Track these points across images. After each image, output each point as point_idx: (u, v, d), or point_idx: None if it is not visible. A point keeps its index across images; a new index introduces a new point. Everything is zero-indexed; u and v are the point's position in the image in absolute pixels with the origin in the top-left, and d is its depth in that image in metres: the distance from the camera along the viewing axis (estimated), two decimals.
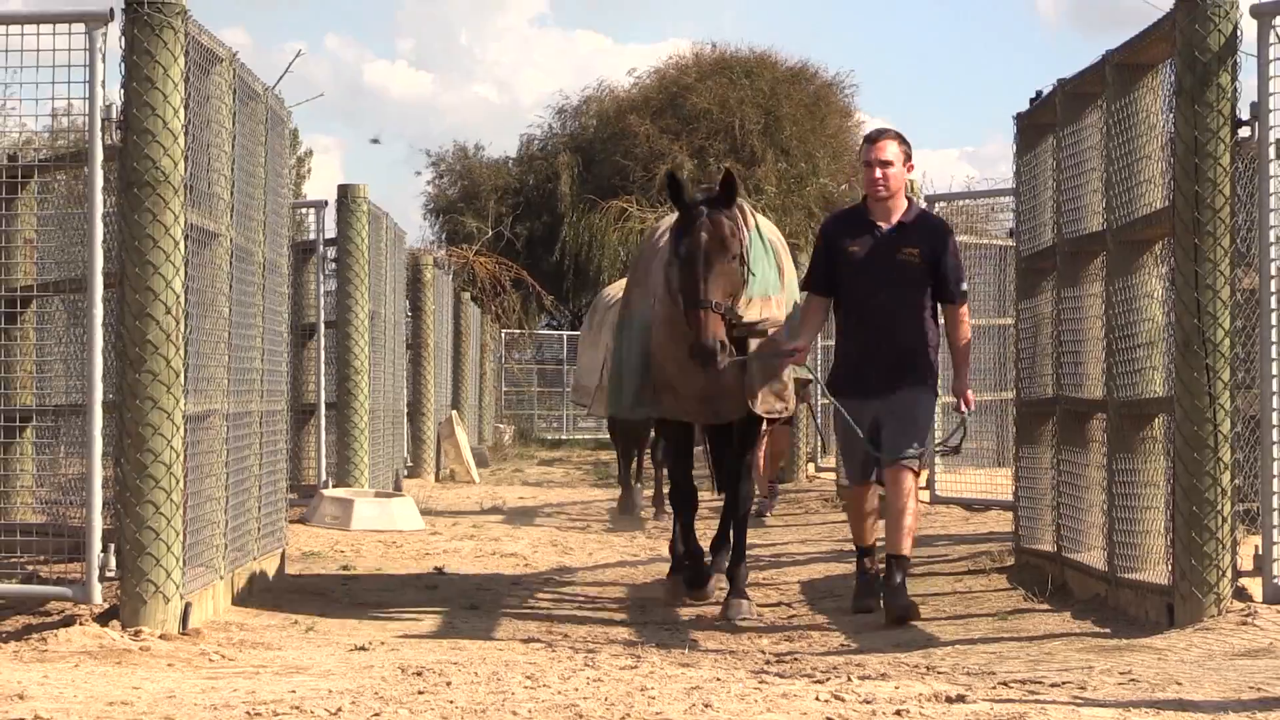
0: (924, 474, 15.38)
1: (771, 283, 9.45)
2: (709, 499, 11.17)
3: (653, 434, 14.63)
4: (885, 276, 8.94)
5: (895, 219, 9.04)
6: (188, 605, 7.93)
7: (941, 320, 9.36)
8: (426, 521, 14.50)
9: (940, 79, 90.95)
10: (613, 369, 10.15)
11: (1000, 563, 10.82)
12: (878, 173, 8.95)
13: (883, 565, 9.11)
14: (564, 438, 36.95)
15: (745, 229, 9.21)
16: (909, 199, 9.17)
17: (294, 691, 6.50)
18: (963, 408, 9.12)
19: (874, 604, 9.11)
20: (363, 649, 7.89)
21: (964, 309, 9.16)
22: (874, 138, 9.15)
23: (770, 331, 9.26)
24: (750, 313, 9.24)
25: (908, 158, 9.06)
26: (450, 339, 25.36)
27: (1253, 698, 5.97)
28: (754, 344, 9.38)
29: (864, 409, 8.99)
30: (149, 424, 7.78)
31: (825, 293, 9.22)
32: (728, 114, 42.35)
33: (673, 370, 9.35)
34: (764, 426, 10.00)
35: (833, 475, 18.08)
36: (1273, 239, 7.82)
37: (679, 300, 8.91)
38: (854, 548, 9.71)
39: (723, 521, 10.08)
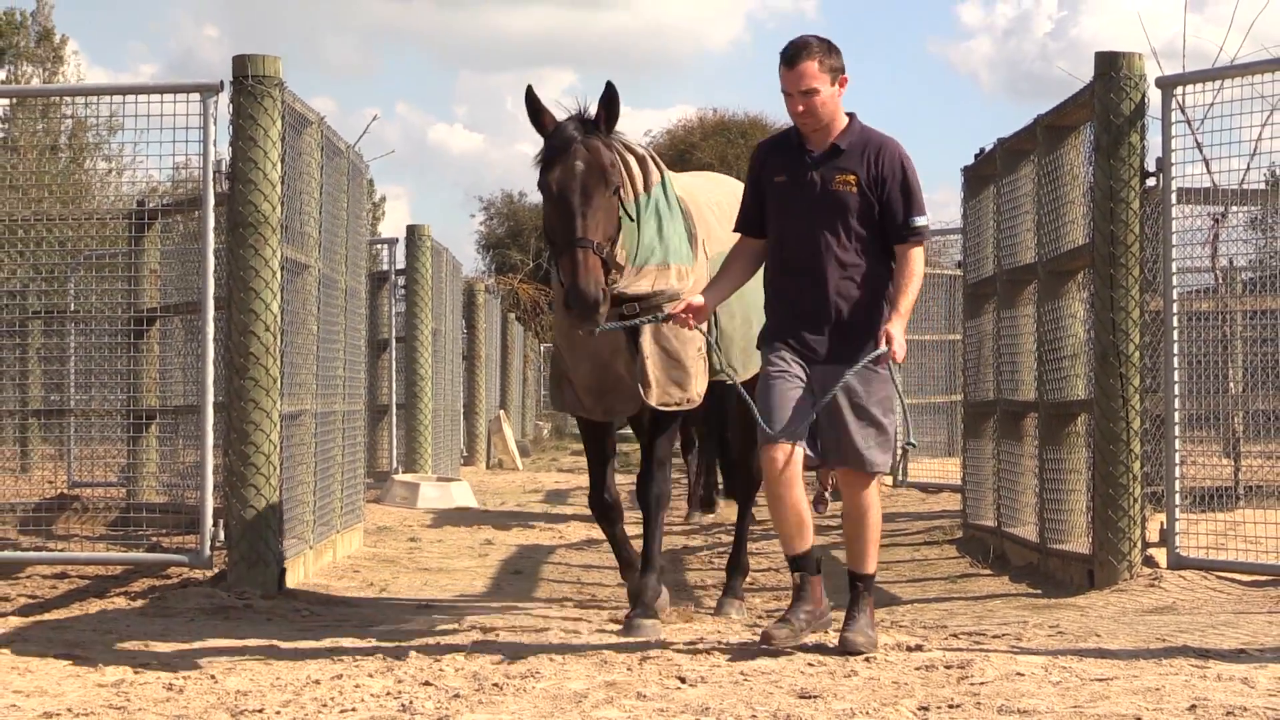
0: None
1: (676, 249, 6.73)
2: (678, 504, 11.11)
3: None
4: (815, 211, 5.96)
5: (830, 140, 6.03)
6: (283, 570, 7.93)
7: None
8: (479, 501, 14.49)
9: (900, 137, 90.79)
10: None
11: (950, 535, 10.80)
12: (800, 105, 5.95)
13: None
14: None
15: (638, 172, 6.63)
16: (850, 115, 6.08)
17: (370, 641, 6.50)
18: (896, 344, 5.83)
19: (784, 635, 6.01)
20: (427, 606, 7.89)
21: (915, 250, 5.93)
22: (790, 58, 5.94)
23: (667, 307, 6.32)
24: (639, 283, 6.54)
25: (838, 73, 5.99)
26: (499, 351, 25.38)
27: (1159, 647, 5.95)
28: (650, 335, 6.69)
29: (803, 369, 5.99)
30: (252, 421, 7.79)
31: (754, 234, 6.20)
32: (726, 167, 42.28)
33: (564, 357, 6.97)
34: (675, 417, 7.00)
35: None
36: (1174, 270, 7.81)
37: (552, 243, 6.33)
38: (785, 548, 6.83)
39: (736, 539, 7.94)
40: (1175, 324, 7.80)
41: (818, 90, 5.92)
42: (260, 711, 5.02)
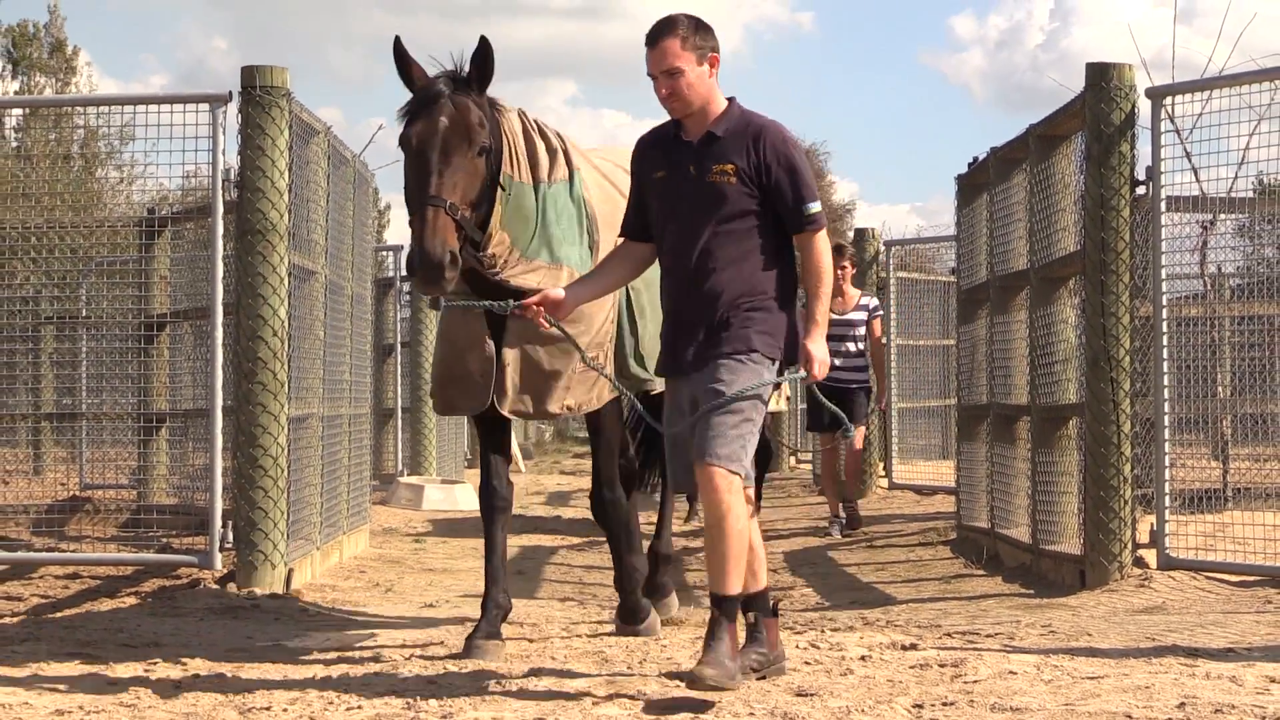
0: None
1: (569, 254, 6.16)
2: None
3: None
4: (692, 206, 5.26)
5: (706, 128, 5.31)
6: (290, 571, 7.93)
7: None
8: None
9: (895, 147, 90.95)
10: None
11: (945, 537, 10.79)
12: (664, 88, 5.27)
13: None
14: None
15: (544, 158, 6.04)
16: (730, 100, 5.37)
17: (375, 639, 6.50)
18: (814, 365, 5.22)
19: (714, 674, 5.04)
20: (430, 606, 7.89)
21: (816, 239, 5.27)
22: (651, 37, 5.30)
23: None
24: (527, 278, 5.92)
25: (705, 52, 5.28)
26: None
27: (1149, 645, 5.95)
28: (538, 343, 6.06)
29: (679, 391, 5.35)
30: (259, 425, 7.79)
31: (635, 237, 5.51)
32: None
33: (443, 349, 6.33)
34: (611, 420, 6.50)
35: (809, 466, 18.03)
36: (1164, 276, 7.82)
37: (408, 204, 5.63)
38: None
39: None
40: (1165, 329, 7.80)
41: (682, 71, 5.23)
42: (268, 709, 5.02)
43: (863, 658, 5.83)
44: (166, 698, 5.22)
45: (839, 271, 11.35)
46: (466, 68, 5.75)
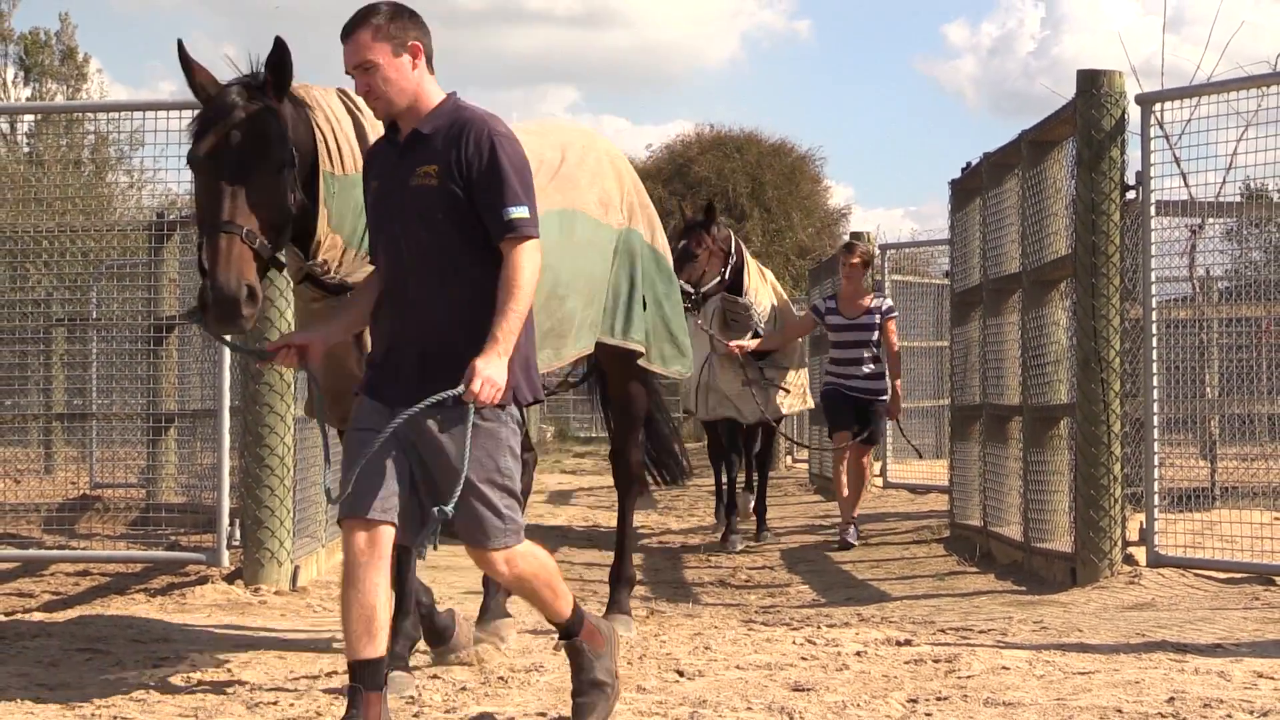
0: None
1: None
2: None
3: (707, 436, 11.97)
4: (398, 217, 4.59)
5: (414, 127, 4.64)
6: (296, 568, 7.92)
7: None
8: None
9: (889, 152, 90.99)
10: None
11: (938, 535, 10.79)
12: (361, 85, 4.62)
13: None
14: (594, 435, 36.89)
15: (329, 138, 5.09)
16: (451, 95, 4.69)
17: None
18: (475, 382, 4.32)
19: None
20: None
21: (520, 250, 4.46)
22: (344, 31, 4.65)
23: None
24: (361, 274, 5.07)
25: (404, 42, 4.59)
26: None
27: (1139, 641, 5.95)
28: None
29: (374, 414, 4.53)
30: (266, 425, 7.78)
31: (374, 259, 4.79)
32: (723, 180, 42.34)
33: None
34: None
35: (806, 465, 18.03)
36: (1153, 279, 7.82)
37: (199, 228, 4.81)
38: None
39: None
40: (1154, 331, 7.80)
41: (376, 64, 4.55)
42: (274, 704, 5.01)
43: (858, 653, 5.83)
44: (175, 693, 5.22)
45: (845, 270, 10.94)
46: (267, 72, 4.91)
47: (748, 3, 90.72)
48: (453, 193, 4.50)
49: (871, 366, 10.84)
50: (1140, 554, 7.76)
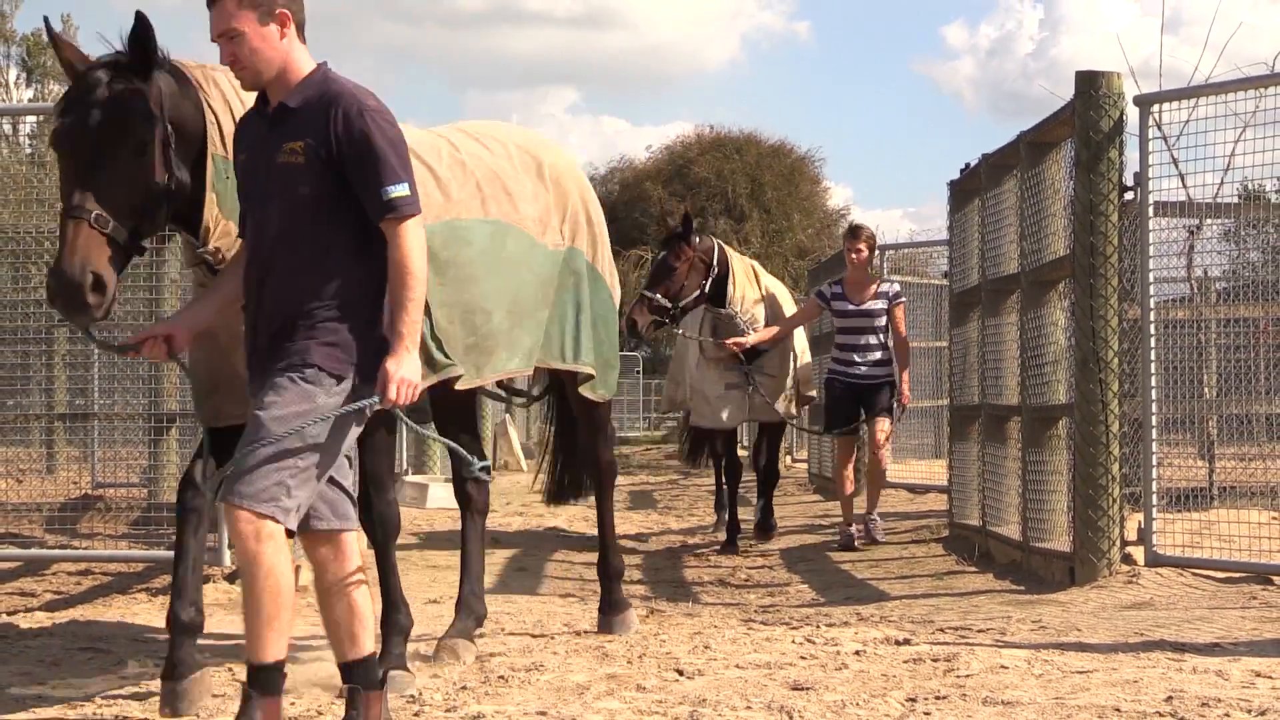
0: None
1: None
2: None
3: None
4: (264, 194, 4.34)
5: (280, 101, 4.37)
6: (298, 568, 7.89)
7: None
8: None
9: (888, 153, 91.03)
10: None
11: (937, 534, 10.79)
12: (225, 55, 4.35)
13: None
14: None
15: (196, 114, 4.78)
16: (321, 65, 4.42)
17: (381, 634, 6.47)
18: (390, 388, 4.15)
19: None
20: (435, 602, 7.88)
21: (403, 230, 4.22)
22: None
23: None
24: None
25: (270, 11, 4.31)
26: None
27: (1137, 640, 5.95)
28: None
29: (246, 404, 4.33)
30: None
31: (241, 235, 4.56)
32: (722, 181, 42.39)
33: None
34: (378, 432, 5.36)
35: (805, 465, 18.02)
36: (1151, 279, 7.81)
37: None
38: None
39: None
40: (1152, 331, 7.80)
41: (241, 33, 4.27)
42: None
43: (857, 652, 5.83)
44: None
45: (853, 256, 10.47)
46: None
47: (747, 4, 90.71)
48: (320, 171, 4.24)
49: (878, 354, 10.51)
50: (1138, 553, 7.76)
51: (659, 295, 10.08)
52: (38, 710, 4.95)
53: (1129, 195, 7.83)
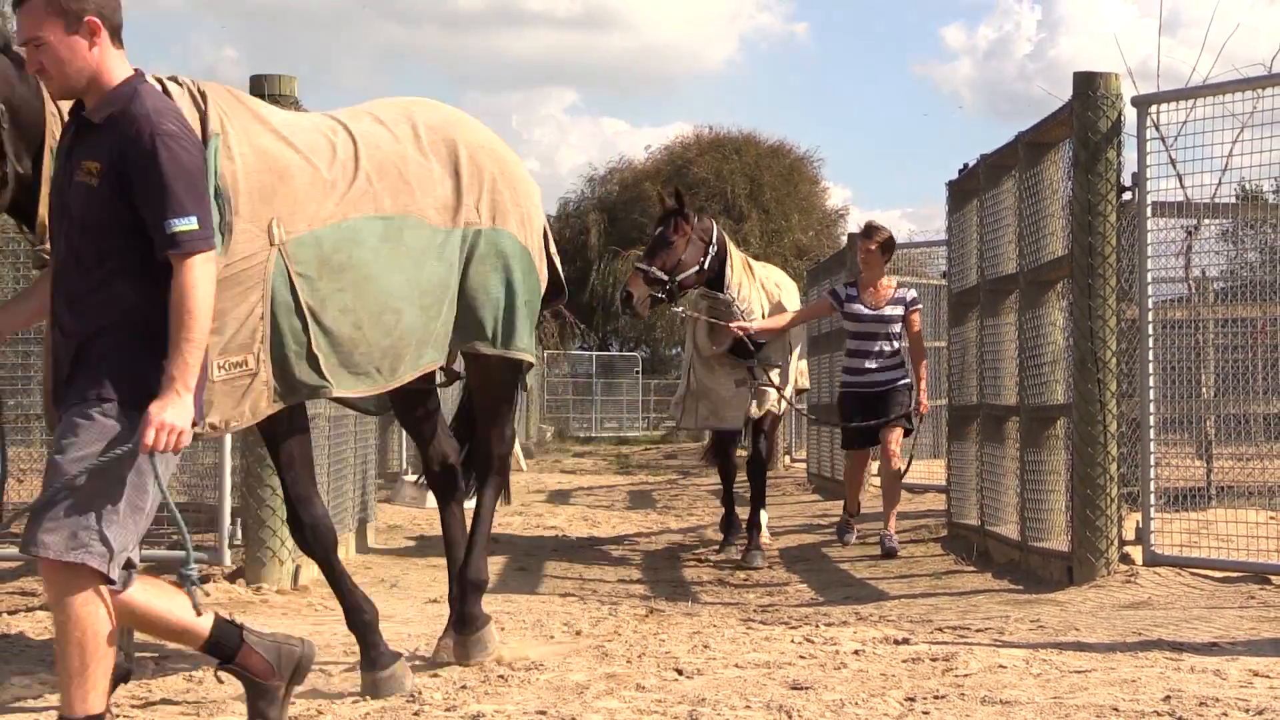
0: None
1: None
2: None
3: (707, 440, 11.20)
4: (61, 208, 4.13)
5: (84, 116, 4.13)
6: (298, 567, 7.92)
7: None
8: None
9: (887, 154, 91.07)
10: None
11: (936, 534, 10.79)
12: (31, 63, 4.12)
13: None
14: (593, 435, 36.96)
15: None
16: (132, 77, 4.14)
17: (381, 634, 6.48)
18: (149, 432, 3.91)
19: None
20: (434, 601, 7.88)
21: (188, 267, 3.97)
22: (15, 0, 4.12)
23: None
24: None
25: (80, 15, 4.02)
26: None
27: (1135, 640, 5.95)
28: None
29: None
30: None
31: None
32: (721, 181, 42.40)
33: None
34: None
35: (804, 465, 18.03)
36: (1149, 280, 7.82)
37: None
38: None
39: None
40: (1150, 331, 7.80)
41: (45, 40, 4.00)
42: None
43: (856, 652, 5.83)
44: (179, 690, 5.22)
45: (863, 256, 10.02)
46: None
47: (746, 5, 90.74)
48: (111, 194, 3.99)
49: (891, 360, 10.02)
50: (1137, 553, 7.77)
51: (655, 268, 9.38)
52: (38, 710, 4.95)
53: (1127, 196, 7.83)
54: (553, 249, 6.00)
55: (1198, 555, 7.74)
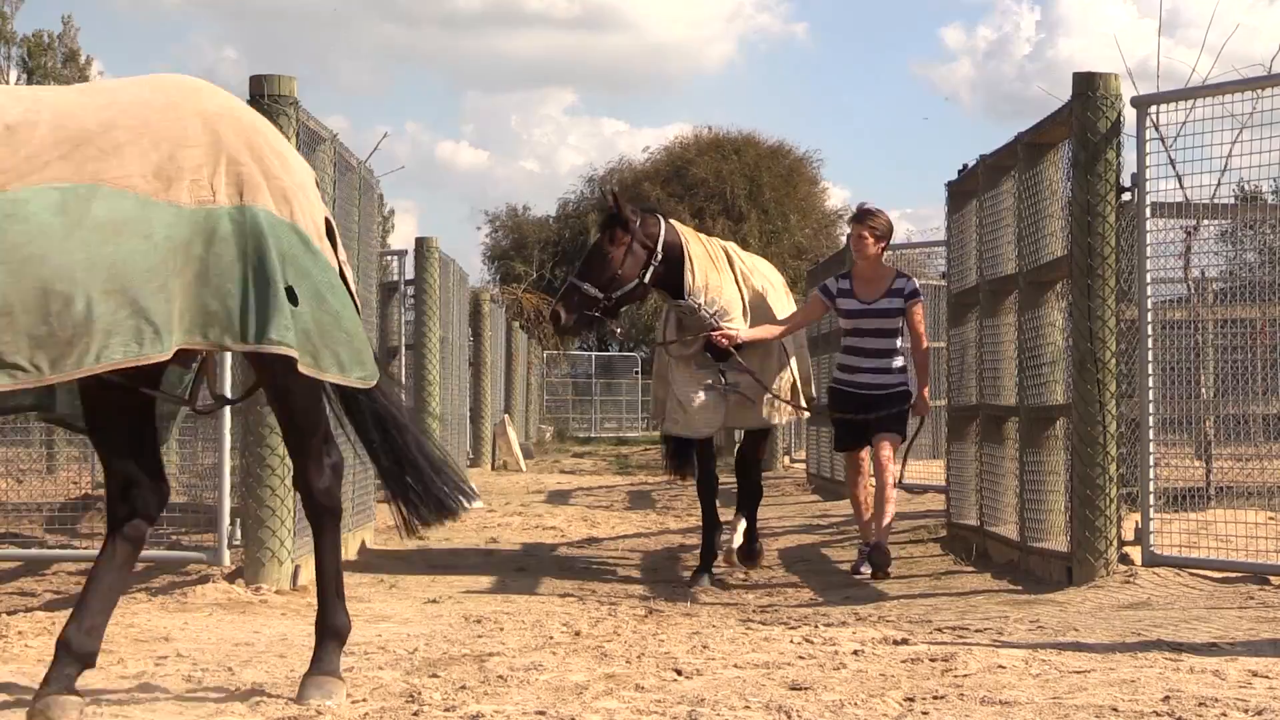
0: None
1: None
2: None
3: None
4: None
5: None
6: (297, 567, 7.92)
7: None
8: (484, 501, 14.48)
9: (886, 155, 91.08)
10: None
11: (935, 534, 10.79)
12: None
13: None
14: (592, 436, 36.96)
15: None
16: None
17: (380, 635, 6.49)
18: None
19: None
20: (434, 601, 7.88)
21: None
22: None
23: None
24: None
25: None
26: (503, 358, 25.36)
27: (1134, 640, 5.95)
28: None
29: None
30: (267, 425, 7.78)
31: None
32: (721, 182, 42.41)
33: None
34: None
35: (803, 465, 18.02)
36: (1149, 280, 7.82)
37: None
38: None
39: None
40: (1150, 332, 7.80)
41: None
42: (275, 703, 5.00)
43: (855, 652, 5.83)
44: (177, 690, 5.22)
45: (855, 243, 8.96)
46: None
47: (745, 5, 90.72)
48: None
49: (890, 360, 9.00)
50: (1136, 553, 7.77)
51: (586, 284, 8.45)
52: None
53: (1126, 196, 7.83)
54: (342, 253, 5.12)
55: (1197, 556, 7.74)
